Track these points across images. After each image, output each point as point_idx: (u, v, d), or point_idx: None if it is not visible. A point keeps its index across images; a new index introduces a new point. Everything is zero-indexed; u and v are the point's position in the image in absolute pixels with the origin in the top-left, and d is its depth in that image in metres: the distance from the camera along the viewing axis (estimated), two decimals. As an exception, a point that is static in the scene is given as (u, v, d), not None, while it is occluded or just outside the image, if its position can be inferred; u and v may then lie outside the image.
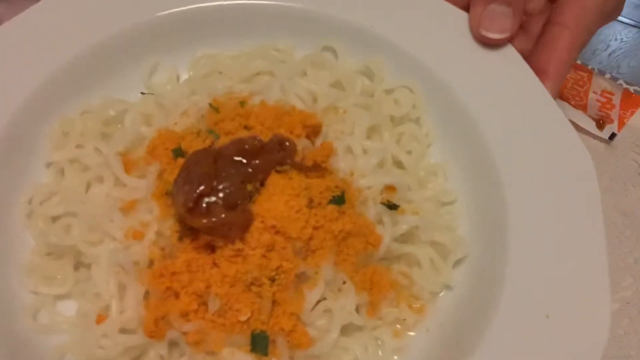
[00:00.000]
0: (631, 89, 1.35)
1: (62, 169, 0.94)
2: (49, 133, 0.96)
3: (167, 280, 0.79)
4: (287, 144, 0.84)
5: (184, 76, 1.07)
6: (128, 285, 0.80)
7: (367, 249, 0.83)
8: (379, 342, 0.84)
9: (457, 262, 0.89)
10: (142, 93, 1.03)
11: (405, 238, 0.89)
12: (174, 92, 1.01)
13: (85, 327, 0.81)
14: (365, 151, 0.92)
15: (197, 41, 1.08)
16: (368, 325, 0.83)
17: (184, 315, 0.78)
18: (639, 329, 1.03)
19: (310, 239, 0.79)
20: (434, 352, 0.82)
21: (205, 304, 0.78)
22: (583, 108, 1.28)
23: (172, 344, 0.80)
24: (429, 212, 0.92)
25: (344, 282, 0.81)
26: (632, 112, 1.29)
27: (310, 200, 0.81)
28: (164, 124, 0.94)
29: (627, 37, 2.13)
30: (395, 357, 0.84)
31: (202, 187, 0.77)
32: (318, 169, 0.85)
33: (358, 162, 0.90)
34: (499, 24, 0.97)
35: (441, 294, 0.88)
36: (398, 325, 0.86)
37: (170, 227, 0.81)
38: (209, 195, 0.77)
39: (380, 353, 0.83)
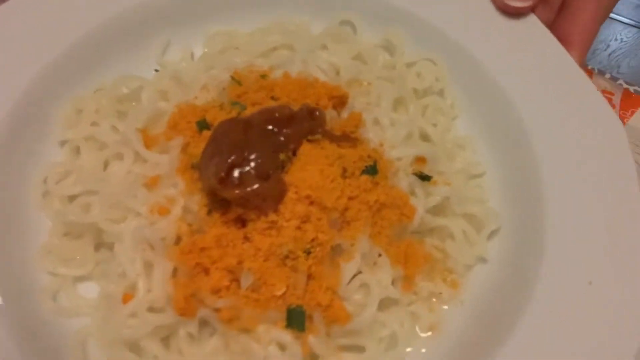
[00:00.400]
0: (631, 89, 1.34)
1: (77, 148, 0.91)
2: (61, 112, 0.93)
3: (196, 256, 0.75)
4: (317, 113, 0.81)
5: (198, 54, 1.04)
6: (155, 263, 0.76)
7: (401, 220, 0.81)
8: (415, 317, 0.81)
9: (491, 235, 0.86)
10: (156, 70, 1.00)
11: (437, 210, 0.86)
12: (189, 68, 0.98)
13: (110, 307, 0.77)
14: (392, 123, 0.89)
15: (209, 18, 1.05)
16: (403, 300, 0.80)
17: (215, 292, 0.74)
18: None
19: (346, 209, 0.76)
20: (470, 325, 0.80)
21: (237, 280, 0.75)
22: None
23: (202, 323, 0.77)
24: (459, 184, 0.89)
25: (380, 255, 0.78)
26: (632, 112, 1.29)
27: (344, 170, 0.78)
28: (182, 100, 0.90)
29: (627, 37, 2.13)
30: (431, 332, 0.81)
31: (233, 157, 0.73)
32: (349, 138, 0.82)
33: (386, 133, 0.87)
34: None
35: (476, 267, 0.85)
36: (434, 299, 0.83)
37: (197, 201, 0.78)
38: (240, 165, 0.74)
39: (417, 328, 0.80)
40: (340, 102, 0.88)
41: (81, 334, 0.76)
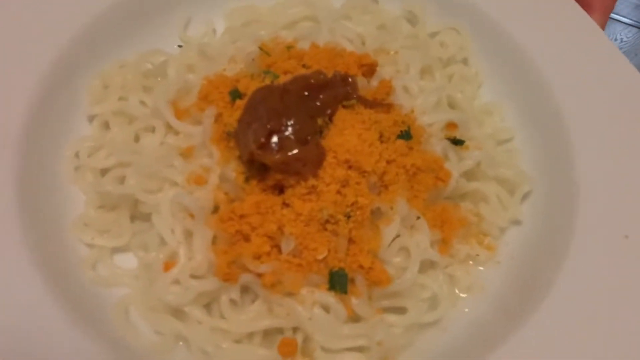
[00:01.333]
0: None
1: (106, 122, 0.91)
2: (87, 87, 0.92)
3: (236, 223, 0.75)
4: (350, 79, 0.81)
5: (219, 30, 1.04)
6: (195, 231, 0.76)
7: (437, 184, 0.81)
8: (453, 279, 0.82)
9: (524, 197, 0.87)
10: (179, 46, 1.00)
11: (470, 175, 0.87)
12: (214, 42, 0.98)
13: (151, 276, 0.77)
14: (421, 90, 0.89)
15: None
16: (441, 262, 0.81)
17: (257, 258, 0.74)
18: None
19: (384, 173, 0.77)
20: (508, 285, 0.81)
21: (277, 245, 0.75)
22: None
23: (244, 289, 0.77)
24: (490, 149, 0.90)
25: (418, 218, 0.79)
26: None
27: (381, 135, 0.78)
28: (210, 72, 0.90)
29: (627, 37, 2.13)
30: (470, 292, 0.81)
31: (271, 123, 0.73)
32: (382, 104, 0.82)
33: (417, 100, 0.87)
34: None
35: (510, 229, 0.86)
36: (470, 262, 0.84)
37: (234, 169, 0.78)
38: (279, 131, 0.74)
39: (456, 290, 0.81)
40: (369, 70, 0.88)
41: (123, 302, 0.77)
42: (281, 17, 1.00)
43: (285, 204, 0.76)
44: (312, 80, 0.78)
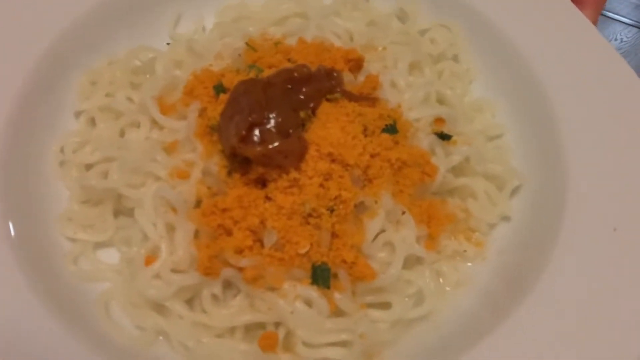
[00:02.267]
0: None
1: (92, 118, 0.90)
2: (75, 83, 0.92)
3: (219, 217, 0.74)
4: (335, 74, 0.81)
5: (209, 27, 1.03)
6: (177, 225, 0.76)
7: (423, 179, 0.80)
8: (440, 275, 0.81)
9: (513, 193, 0.86)
10: (168, 44, 1.00)
11: (458, 170, 0.86)
12: (203, 39, 0.98)
13: (132, 270, 0.76)
14: (409, 85, 0.89)
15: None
16: (428, 258, 0.80)
17: (239, 252, 0.73)
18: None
19: (368, 167, 0.76)
20: (495, 280, 0.79)
21: (260, 240, 0.74)
22: None
23: (226, 284, 0.76)
24: (479, 145, 0.89)
25: (403, 213, 0.78)
26: None
27: (365, 128, 0.78)
28: (197, 68, 0.90)
29: (627, 37, 2.12)
30: (458, 288, 0.80)
31: (253, 116, 0.73)
32: (368, 98, 0.81)
33: (404, 95, 0.87)
34: None
35: (499, 225, 0.85)
36: (458, 258, 0.83)
37: (217, 163, 0.77)
38: (261, 123, 0.73)
39: (442, 285, 0.80)
40: (356, 65, 0.87)
41: (104, 297, 0.76)
42: (271, 13, 1.00)
43: (268, 198, 0.75)
44: (296, 74, 0.78)
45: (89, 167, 0.86)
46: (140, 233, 0.78)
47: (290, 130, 0.74)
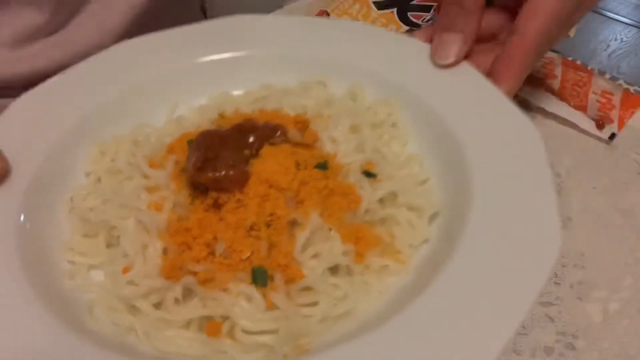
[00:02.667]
0: (631, 89, 1.35)
1: (99, 177, 1.14)
2: (87, 154, 1.17)
3: (182, 236, 0.94)
4: (280, 130, 1.03)
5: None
6: (149, 243, 0.96)
7: (350, 207, 0.98)
8: (366, 284, 0.95)
9: (432, 220, 1.02)
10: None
11: (387, 203, 1.03)
12: (190, 115, 1.23)
13: (113, 281, 0.95)
14: (346, 140, 1.09)
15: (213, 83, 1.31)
16: (356, 269, 0.95)
17: (196, 262, 0.92)
18: (639, 329, 1.00)
19: (299, 191, 0.95)
20: (409, 286, 0.93)
21: (213, 252, 0.93)
22: (583, 109, 1.32)
23: (187, 291, 0.93)
24: (407, 185, 1.06)
25: (331, 229, 0.95)
26: (632, 113, 1.29)
27: (298, 163, 0.98)
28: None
29: (627, 37, 2.11)
30: (380, 295, 0.94)
31: (208, 152, 0.95)
32: (306, 145, 1.02)
33: (340, 147, 1.07)
34: (447, 51, 1.16)
35: (421, 247, 1.00)
36: (383, 273, 0.97)
37: (184, 194, 0.99)
38: (214, 158, 0.95)
39: (367, 291, 0.94)
40: (302, 126, 1.10)
41: (90, 303, 0.94)
42: (246, 98, 1.25)
43: (221, 219, 0.95)
44: (245, 125, 1.00)
45: (91, 209, 1.08)
46: (122, 254, 0.98)
47: (237, 164, 0.95)
